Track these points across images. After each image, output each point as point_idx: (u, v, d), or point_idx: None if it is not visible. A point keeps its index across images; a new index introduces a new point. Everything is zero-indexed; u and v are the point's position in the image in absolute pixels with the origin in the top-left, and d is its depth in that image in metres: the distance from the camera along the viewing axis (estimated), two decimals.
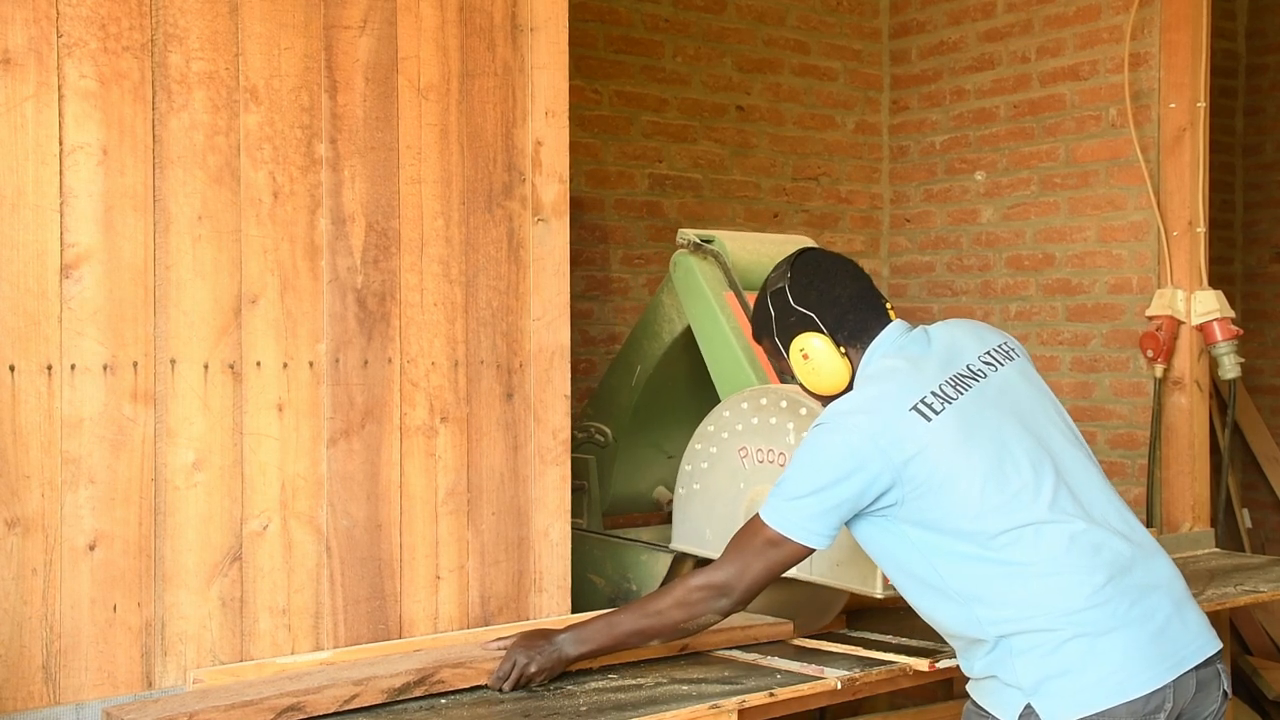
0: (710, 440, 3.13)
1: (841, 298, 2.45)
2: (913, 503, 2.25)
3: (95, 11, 2.35)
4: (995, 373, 2.37)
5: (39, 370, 2.30)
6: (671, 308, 3.53)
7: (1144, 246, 4.48)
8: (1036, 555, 2.20)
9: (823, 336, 2.43)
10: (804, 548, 2.32)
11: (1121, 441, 4.59)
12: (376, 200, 2.65)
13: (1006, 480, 2.23)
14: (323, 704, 2.31)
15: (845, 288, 2.47)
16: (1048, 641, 2.17)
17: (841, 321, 2.44)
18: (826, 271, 2.49)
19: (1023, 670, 2.18)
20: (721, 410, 3.13)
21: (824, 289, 2.46)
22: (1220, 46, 6.06)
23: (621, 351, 3.80)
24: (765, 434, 3.00)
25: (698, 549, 3.13)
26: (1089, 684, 2.14)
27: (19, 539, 2.28)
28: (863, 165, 5.33)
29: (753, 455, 3.04)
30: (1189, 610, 2.27)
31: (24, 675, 2.28)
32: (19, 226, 2.27)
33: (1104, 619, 2.16)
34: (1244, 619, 5.12)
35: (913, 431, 2.24)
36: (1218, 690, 2.25)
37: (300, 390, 2.56)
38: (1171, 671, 2.16)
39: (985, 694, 2.27)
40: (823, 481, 2.27)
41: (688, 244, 3.42)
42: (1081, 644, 2.15)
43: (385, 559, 2.66)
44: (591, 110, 4.52)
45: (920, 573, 2.29)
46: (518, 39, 2.85)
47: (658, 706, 2.39)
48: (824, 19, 5.18)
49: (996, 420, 2.29)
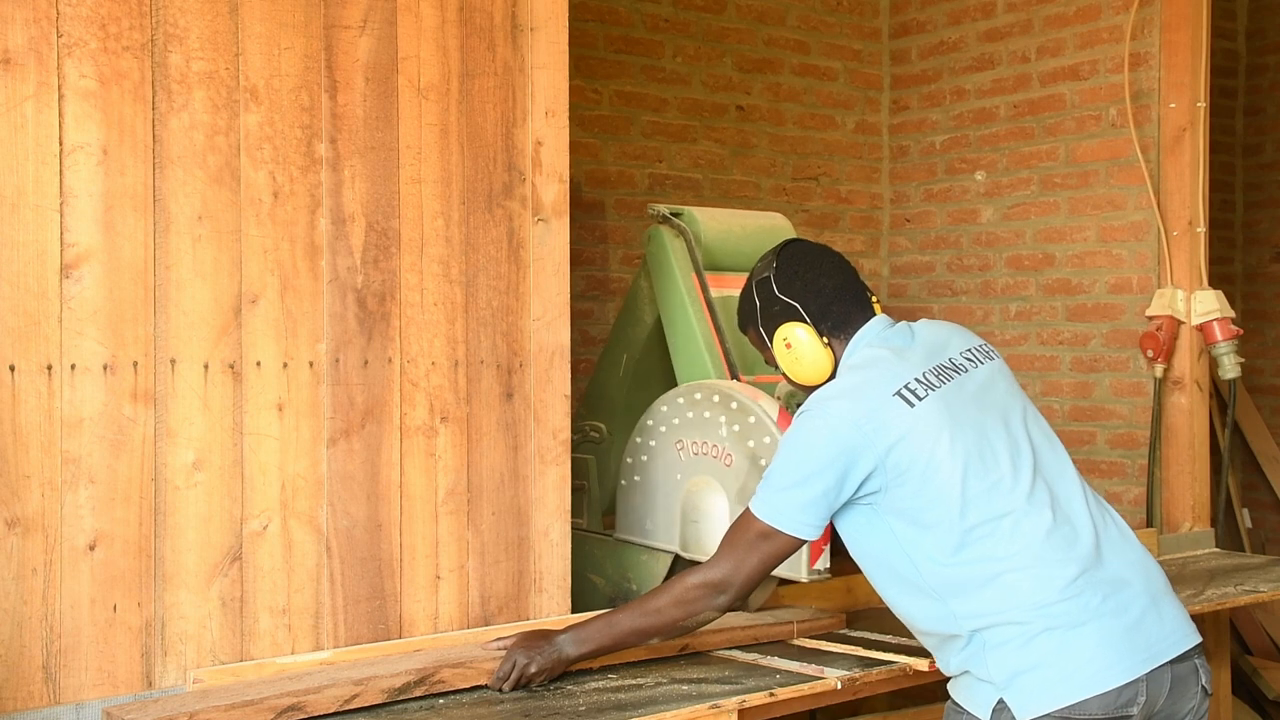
0: (649, 434, 3.27)
1: (826, 288, 2.47)
2: (895, 490, 2.26)
3: (95, 11, 2.35)
4: (976, 369, 2.40)
5: (39, 370, 2.29)
6: (650, 290, 3.57)
7: (1144, 246, 4.48)
8: (1012, 548, 2.21)
9: (806, 326, 2.46)
10: (795, 539, 2.33)
11: (1121, 441, 4.59)
12: (376, 200, 2.65)
13: (986, 470, 2.25)
14: (323, 704, 2.31)
15: (830, 278, 2.49)
16: (1020, 635, 2.18)
17: (825, 312, 2.46)
18: (812, 262, 2.51)
19: (995, 665, 2.19)
20: (659, 405, 3.26)
21: (809, 279, 2.49)
22: (1220, 46, 6.06)
23: (607, 345, 3.81)
24: (700, 428, 3.13)
25: (639, 538, 3.19)
26: (1060, 678, 2.15)
27: (19, 539, 2.28)
28: (863, 165, 5.33)
29: (689, 448, 3.16)
30: (1166, 605, 2.27)
31: (24, 675, 2.28)
32: (19, 226, 2.27)
33: (1076, 612, 2.17)
34: (1244, 619, 5.13)
35: (896, 416, 2.26)
36: (1196, 686, 2.24)
37: (300, 390, 2.56)
38: (1144, 665, 2.17)
39: (961, 690, 2.29)
40: (808, 470, 2.28)
41: (657, 215, 3.48)
42: (1053, 638, 2.16)
43: (385, 559, 2.66)
44: (591, 110, 4.52)
45: (900, 568, 2.30)
46: (518, 39, 2.85)
47: (658, 706, 2.39)
48: (824, 19, 5.18)
49: (977, 412, 2.32)
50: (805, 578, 2.92)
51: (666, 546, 3.26)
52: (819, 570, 2.96)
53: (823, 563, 2.97)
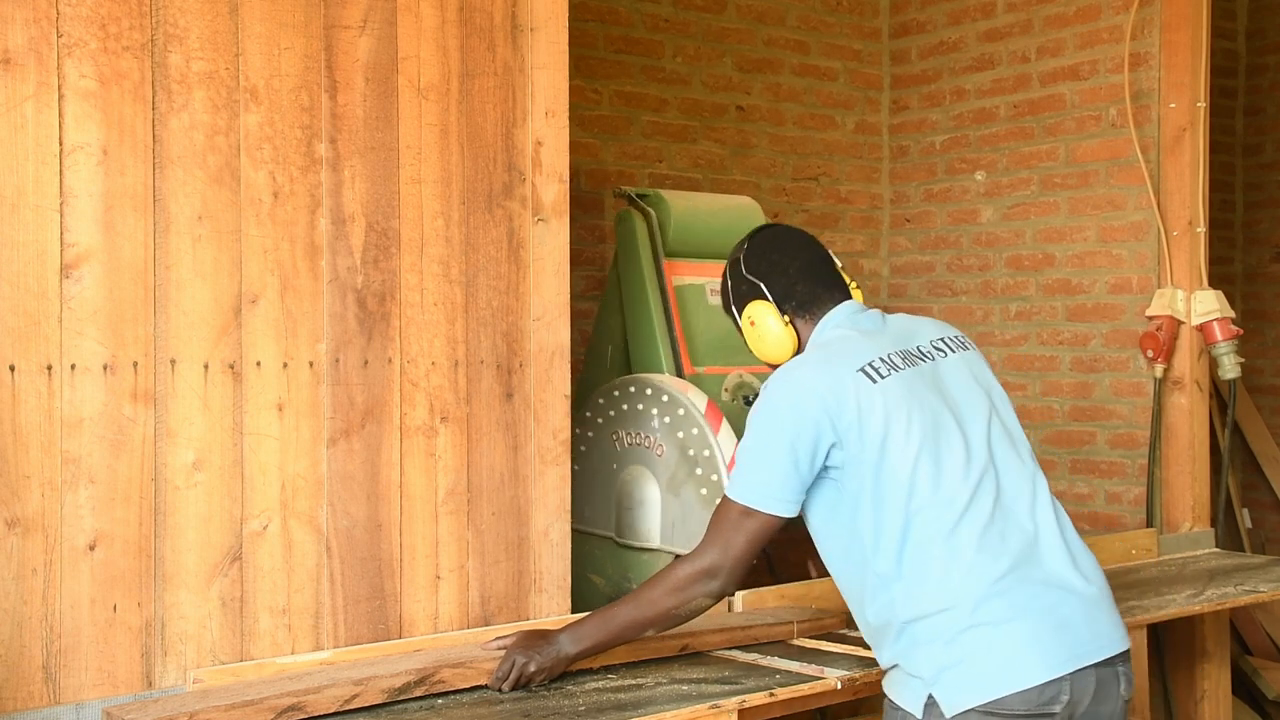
0: (587, 425, 3.42)
1: (790, 269, 2.50)
2: (854, 465, 2.28)
3: (95, 11, 2.35)
4: (944, 358, 2.42)
5: (39, 370, 2.29)
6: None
7: (1144, 246, 4.48)
8: (953, 538, 2.22)
9: (768, 304, 2.49)
10: (775, 517, 2.34)
11: (1121, 441, 4.59)
12: (376, 200, 2.65)
13: (939, 456, 2.26)
14: (323, 704, 2.31)
15: (796, 259, 2.52)
16: (947, 630, 2.20)
17: (790, 291, 2.49)
18: (781, 244, 2.55)
19: (923, 660, 2.22)
20: (597, 397, 3.43)
21: (775, 260, 2.52)
22: (1220, 46, 6.06)
23: (590, 341, 3.83)
24: (634, 420, 3.30)
25: (578, 525, 3.23)
26: (985, 672, 2.16)
27: (19, 539, 2.28)
28: (863, 165, 5.33)
29: (624, 440, 3.34)
30: (1100, 609, 2.27)
31: (24, 675, 2.28)
32: (19, 226, 2.27)
33: (1003, 609, 2.19)
34: (1244, 619, 5.12)
35: (858, 389, 2.28)
36: (1116, 692, 2.24)
37: (300, 390, 2.56)
38: (1069, 664, 2.17)
39: (894, 686, 2.31)
40: (773, 445, 2.31)
41: (624, 196, 3.52)
42: (979, 634, 2.18)
43: (385, 559, 2.66)
44: (591, 110, 4.52)
45: (853, 550, 2.32)
46: (518, 39, 2.85)
47: (658, 706, 2.39)
48: (824, 19, 5.18)
49: (936, 399, 2.33)
50: None
51: (603, 532, 3.41)
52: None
53: None
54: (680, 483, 3.24)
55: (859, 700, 3.00)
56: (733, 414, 3.42)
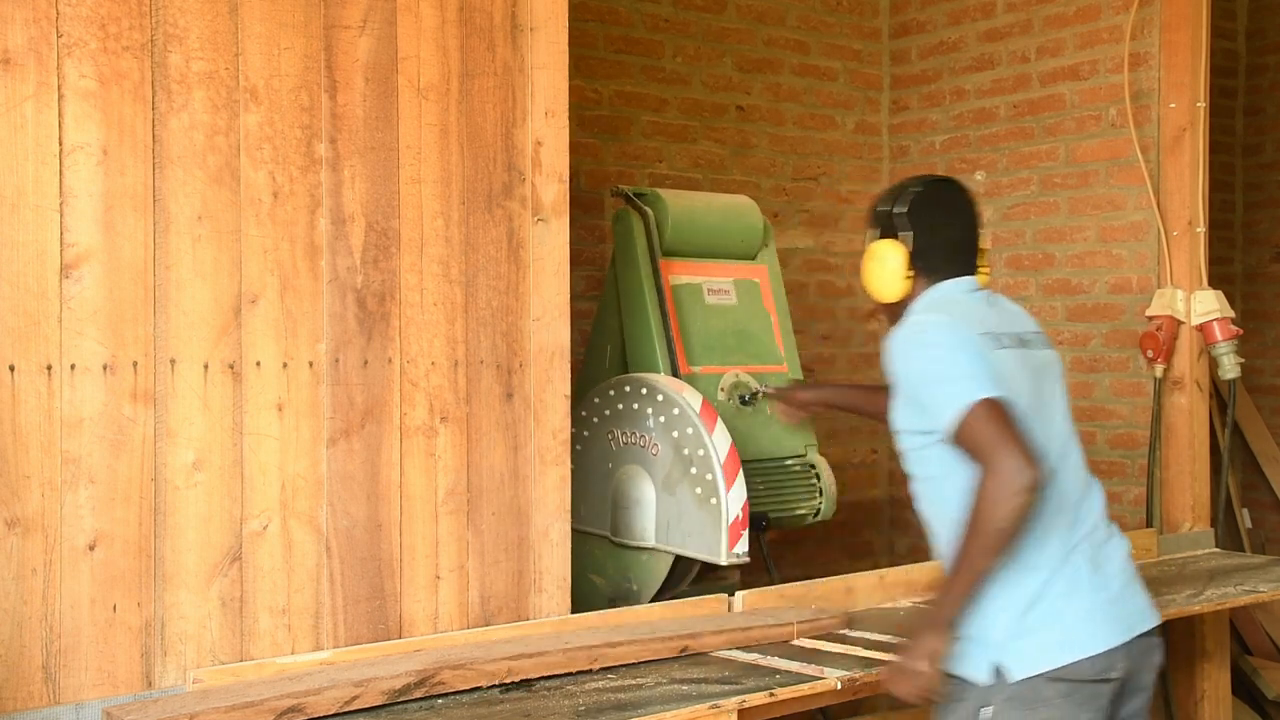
0: (583, 425, 3.43)
1: (941, 234, 2.60)
2: None
3: (95, 11, 2.35)
4: (1043, 351, 2.58)
5: (39, 370, 2.29)
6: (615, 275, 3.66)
7: (1144, 246, 4.48)
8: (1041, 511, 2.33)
9: (903, 253, 2.57)
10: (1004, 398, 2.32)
11: (1121, 441, 4.59)
12: (376, 200, 2.65)
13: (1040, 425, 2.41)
14: (323, 705, 2.32)
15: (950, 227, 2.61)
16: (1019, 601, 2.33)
17: (927, 252, 2.58)
18: (945, 208, 2.64)
19: (992, 628, 2.34)
20: (593, 396, 3.45)
21: (933, 221, 2.60)
22: (1220, 46, 6.06)
23: (590, 341, 3.83)
24: (629, 419, 3.32)
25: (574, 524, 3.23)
26: (1053, 642, 2.32)
27: (19, 539, 2.28)
28: (863, 165, 5.32)
29: (619, 439, 3.36)
30: (1137, 584, 2.49)
31: (24, 675, 2.28)
32: (19, 226, 2.27)
33: (1068, 582, 2.36)
34: (1244, 619, 5.12)
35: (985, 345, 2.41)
36: (1156, 661, 2.47)
37: (300, 390, 2.56)
38: (1124, 634, 2.37)
39: (955, 662, 2.36)
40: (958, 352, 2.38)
41: (621, 195, 3.54)
42: (1046, 605, 2.34)
43: (385, 559, 2.66)
44: (591, 110, 4.52)
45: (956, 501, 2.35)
46: (518, 39, 2.85)
47: (658, 706, 2.40)
48: (824, 19, 5.18)
49: (1033, 382, 2.47)
50: (724, 561, 3.11)
51: (598, 531, 3.42)
52: (737, 554, 3.12)
53: (741, 546, 3.08)
54: (675, 482, 3.25)
55: (859, 700, 3.00)
56: (728, 414, 3.42)
